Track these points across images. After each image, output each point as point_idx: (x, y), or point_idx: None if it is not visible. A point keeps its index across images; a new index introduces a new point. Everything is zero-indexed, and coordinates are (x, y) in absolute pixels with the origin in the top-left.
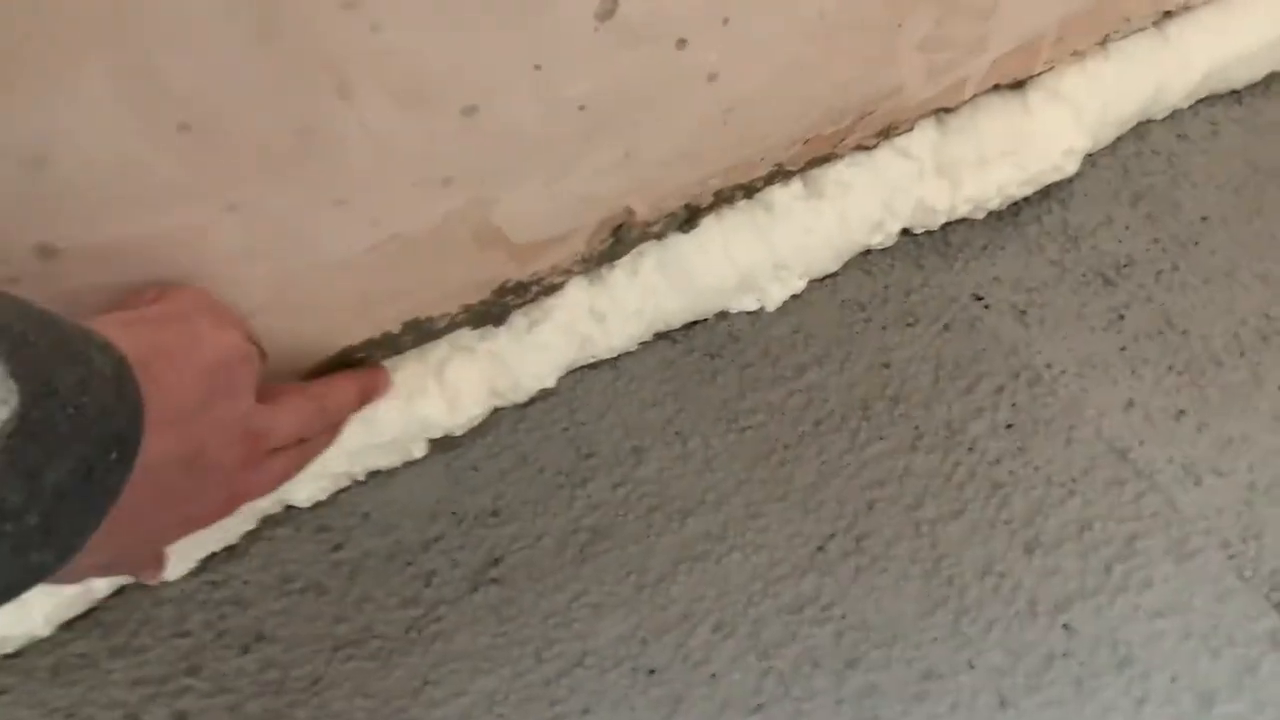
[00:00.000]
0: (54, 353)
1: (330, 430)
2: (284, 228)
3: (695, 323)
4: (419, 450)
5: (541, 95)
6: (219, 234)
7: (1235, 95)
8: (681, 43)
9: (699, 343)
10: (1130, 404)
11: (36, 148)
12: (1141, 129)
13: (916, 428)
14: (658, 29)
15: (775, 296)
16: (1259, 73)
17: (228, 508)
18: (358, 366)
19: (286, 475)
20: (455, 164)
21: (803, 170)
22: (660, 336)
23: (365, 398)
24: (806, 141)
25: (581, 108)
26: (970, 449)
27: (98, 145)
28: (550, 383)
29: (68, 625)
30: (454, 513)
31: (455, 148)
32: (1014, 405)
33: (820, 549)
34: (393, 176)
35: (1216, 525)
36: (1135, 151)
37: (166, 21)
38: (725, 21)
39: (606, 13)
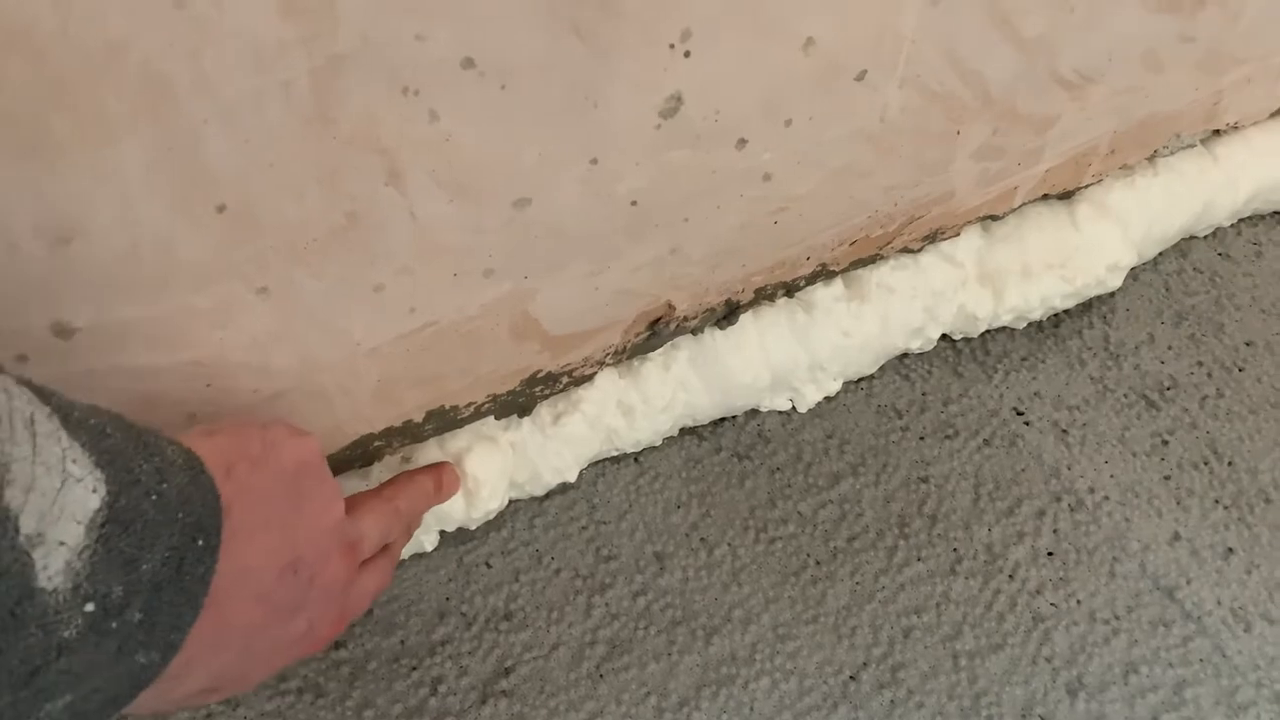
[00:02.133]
0: (130, 443)
1: (407, 533)
2: (316, 313)
3: (723, 420)
4: (430, 543)
5: (595, 190)
6: (247, 317)
7: (1278, 216)
8: (741, 143)
9: (727, 441)
10: (1176, 538)
11: (63, 225)
12: (1184, 245)
13: (955, 550)
14: (720, 128)
15: (809, 398)
16: None
17: (338, 627)
18: (377, 458)
19: (381, 587)
20: (500, 255)
21: (846, 270)
22: (686, 432)
23: (439, 496)
24: (853, 243)
25: (633, 204)
26: (1011, 576)
27: (129, 224)
28: (571, 477)
29: None
30: (464, 613)
31: (502, 239)
32: (1055, 531)
33: (853, 678)
34: (435, 266)
35: (1269, 676)
36: (1178, 269)
37: (214, 100)
38: (788, 123)
39: (670, 110)
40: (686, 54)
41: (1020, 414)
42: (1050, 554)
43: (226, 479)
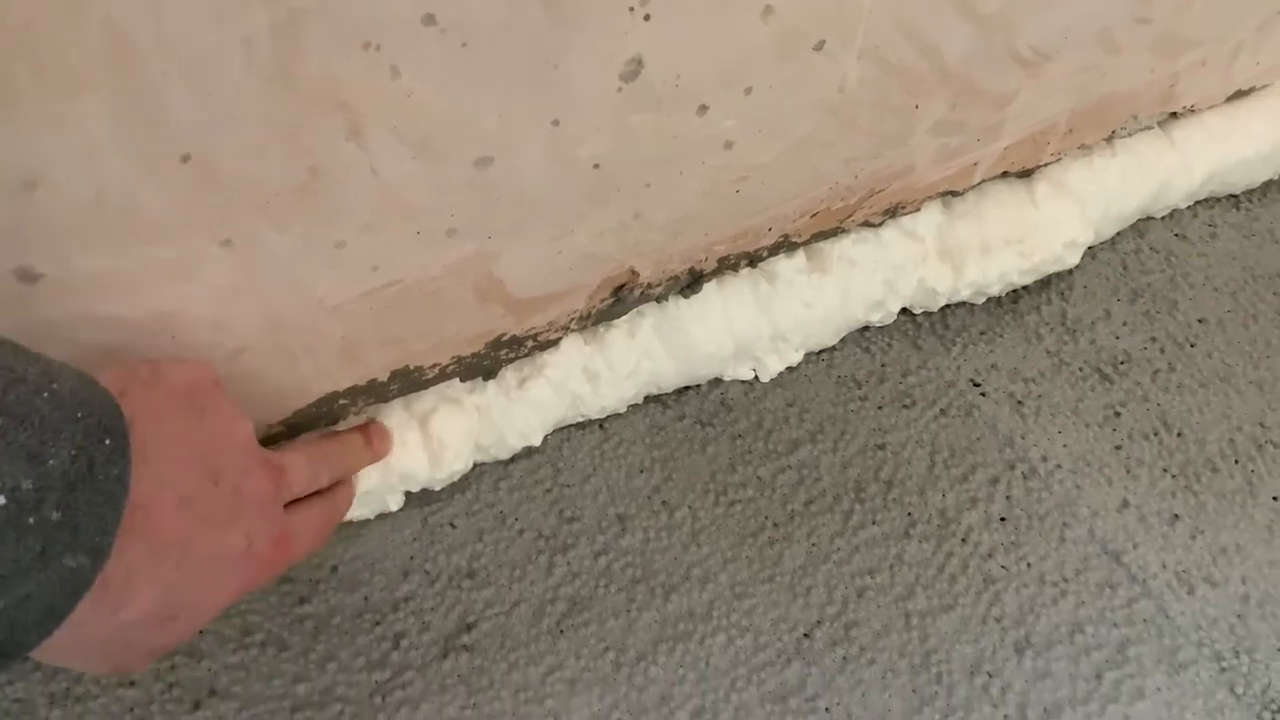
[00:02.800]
0: (9, 350)
1: (346, 486)
2: (278, 267)
3: (687, 388)
4: (395, 503)
5: (557, 152)
6: (210, 269)
7: (1234, 200)
8: (702, 109)
9: (690, 409)
10: (1125, 505)
11: (27, 171)
12: (1141, 225)
13: (910, 514)
14: (680, 93)
15: (771, 367)
16: (1258, 179)
17: (281, 549)
18: (342, 417)
19: (323, 523)
20: (462, 215)
21: (808, 243)
22: (651, 400)
23: (369, 453)
24: (814, 215)
25: (596, 166)
26: (963, 540)
27: (93, 173)
28: (536, 441)
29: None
30: (427, 571)
31: (464, 199)
32: (1008, 498)
33: (807, 635)
34: (397, 224)
35: (1209, 637)
36: (1135, 248)
37: (177, 55)
38: (748, 91)
39: (631, 74)
40: (646, 17)
41: (977, 385)
42: (1003, 519)
43: (122, 398)
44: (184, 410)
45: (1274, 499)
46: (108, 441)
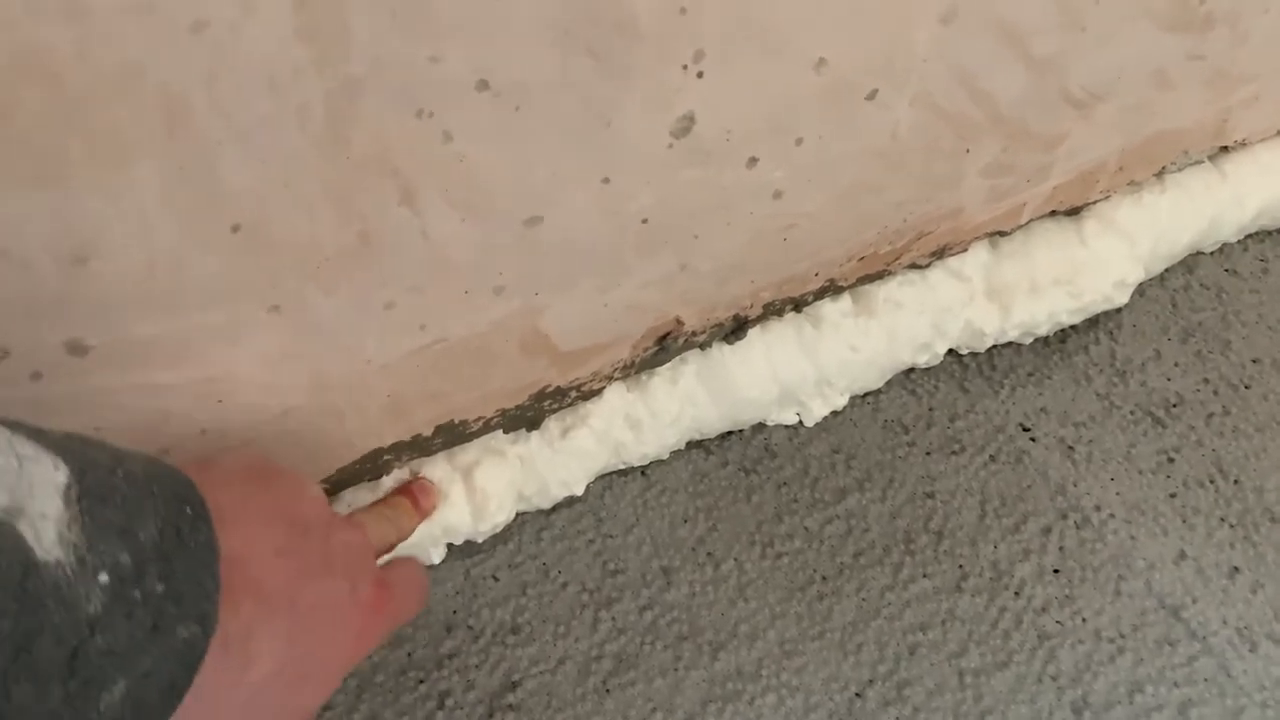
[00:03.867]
0: (73, 439)
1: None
2: (327, 330)
3: (730, 433)
4: (438, 556)
5: (606, 208)
6: (259, 335)
7: None
8: (752, 161)
9: (734, 455)
10: (1182, 556)
11: (79, 244)
12: (1190, 261)
13: (961, 567)
14: (731, 147)
15: (816, 412)
16: None
17: (383, 597)
18: (385, 472)
19: (420, 576)
20: (510, 273)
21: (854, 286)
22: (694, 445)
23: (420, 511)
24: (861, 258)
25: (644, 221)
26: (1016, 594)
27: (144, 244)
28: (579, 490)
29: None
30: (471, 626)
31: (513, 257)
32: (1061, 549)
33: (859, 695)
34: (446, 283)
35: (1274, 697)
36: (1184, 285)
37: (231, 124)
38: (799, 141)
39: (683, 130)
40: (699, 74)
41: (1026, 430)
42: (1056, 571)
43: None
44: (249, 480)
45: None
46: (189, 510)
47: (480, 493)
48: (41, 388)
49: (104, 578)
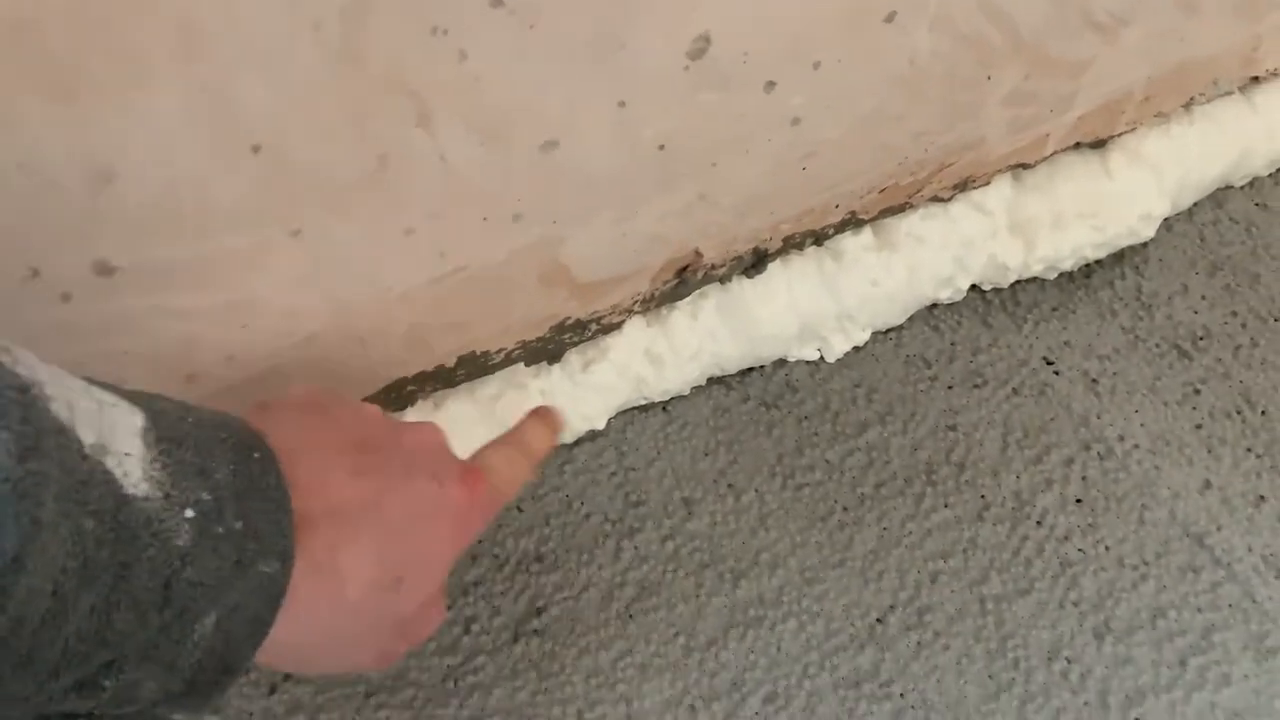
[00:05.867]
0: (149, 395)
1: (541, 429)
2: (348, 255)
3: (751, 369)
4: None
5: (623, 133)
6: (281, 259)
7: None
8: (770, 85)
9: (755, 391)
10: (1207, 486)
11: (103, 163)
12: (1219, 195)
13: (983, 497)
14: (748, 70)
15: (837, 348)
16: None
17: (475, 484)
18: (410, 404)
19: (517, 454)
20: (528, 200)
21: (875, 219)
22: (714, 381)
23: (552, 432)
24: (882, 190)
25: (661, 147)
26: (1039, 523)
27: (167, 163)
28: (600, 424)
29: None
30: (496, 555)
31: (530, 183)
32: (1084, 479)
33: (880, 621)
34: (464, 209)
35: None
36: (1213, 219)
37: (247, 41)
38: (817, 65)
39: (698, 52)
40: None
41: (1050, 363)
42: (1079, 501)
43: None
44: (307, 413)
45: None
46: (255, 454)
47: (503, 426)
48: (71, 309)
49: (190, 513)
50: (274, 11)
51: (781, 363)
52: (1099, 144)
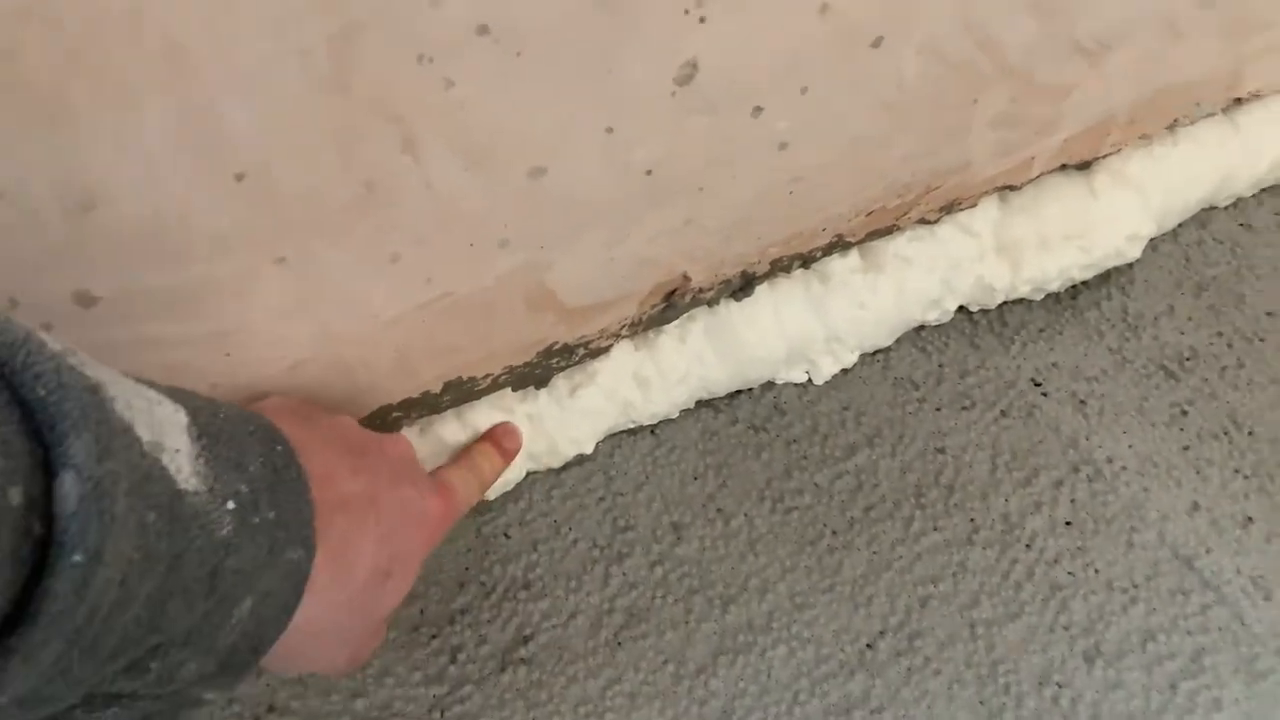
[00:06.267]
0: (179, 391)
1: (490, 456)
2: (333, 282)
3: (739, 392)
4: None
5: (610, 159)
6: (266, 286)
7: None
8: (757, 110)
9: (743, 414)
10: (1195, 507)
11: (84, 192)
12: (1204, 215)
13: (972, 520)
14: (735, 95)
15: (825, 370)
16: None
17: (447, 499)
18: (395, 429)
19: (471, 477)
20: (515, 225)
21: (862, 241)
22: (703, 405)
23: (505, 454)
24: (869, 213)
25: (649, 172)
26: (1028, 546)
27: (150, 191)
28: (588, 448)
29: None
30: (483, 582)
31: (517, 209)
32: (1073, 501)
33: (870, 646)
34: (451, 235)
35: None
36: (1198, 239)
37: (233, 66)
38: (804, 90)
39: (686, 77)
40: (702, 19)
41: (1038, 385)
42: (1068, 523)
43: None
44: (300, 416)
45: None
46: (279, 447)
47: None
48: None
49: (230, 505)
50: (260, 37)
51: (770, 385)
52: (1084, 165)
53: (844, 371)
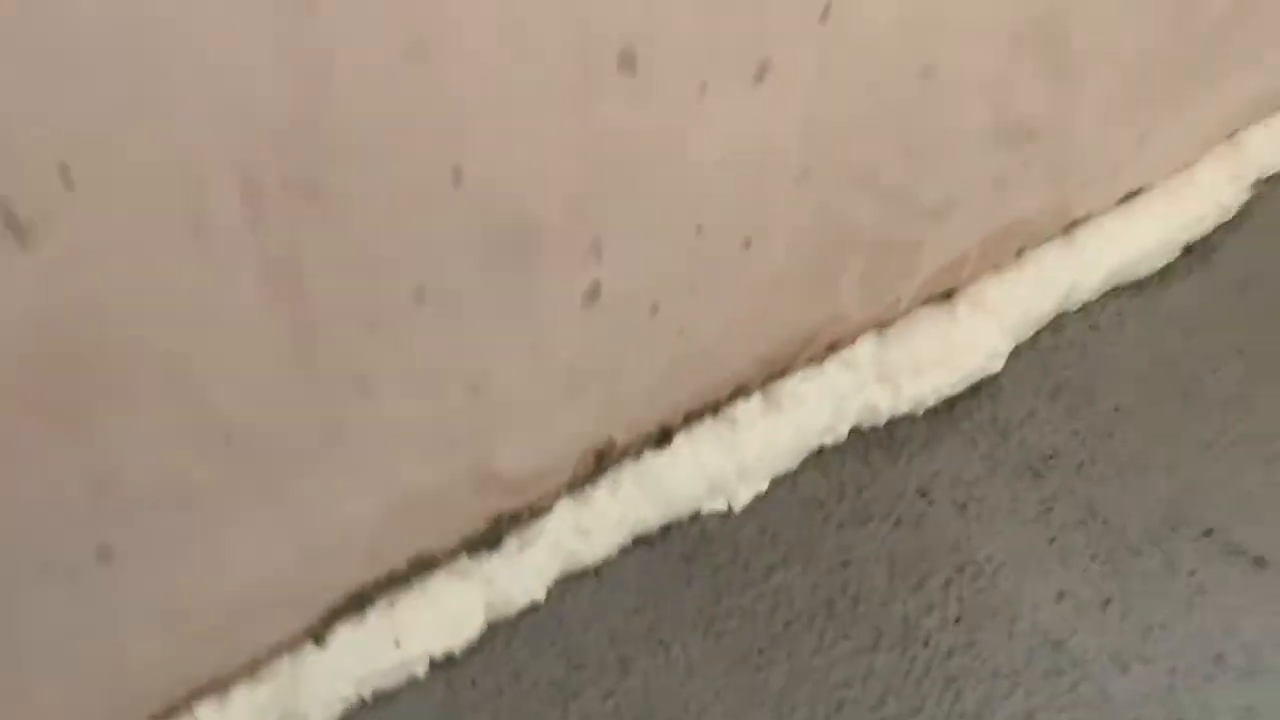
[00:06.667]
0: None
1: None
2: (309, 504)
3: (670, 526)
4: (421, 670)
5: (537, 366)
6: (251, 521)
7: (1137, 285)
8: (654, 308)
9: (675, 546)
10: (1061, 595)
11: (100, 472)
12: (1057, 322)
13: (876, 626)
14: (634, 301)
15: (742, 497)
16: (1156, 266)
17: None
18: (369, 603)
19: None
20: (459, 432)
21: (761, 386)
22: (639, 541)
23: None
24: (765, 363)
25: (570, 369)
26: (925, 644)
27: (154, 464)
28: (540, 596)
29: None
30: None
31: (460, 420)
32: (960, 600)
33: None
34: (404, 449)
35: (1145, 713)
36: (1053, 345)
37: (219, 360)
38: (691, 287)
39: (592, 296)
40: (599, 255)
41: (924, 495)
42: (958, 620)
43: None
44: None
45: (1190, 574)
46: None
47: (451, 614)
48: (73, 593)
49: None
50: (242, 332)
51: (696, 516)
52: (948, 295)
53: (759, 496)
